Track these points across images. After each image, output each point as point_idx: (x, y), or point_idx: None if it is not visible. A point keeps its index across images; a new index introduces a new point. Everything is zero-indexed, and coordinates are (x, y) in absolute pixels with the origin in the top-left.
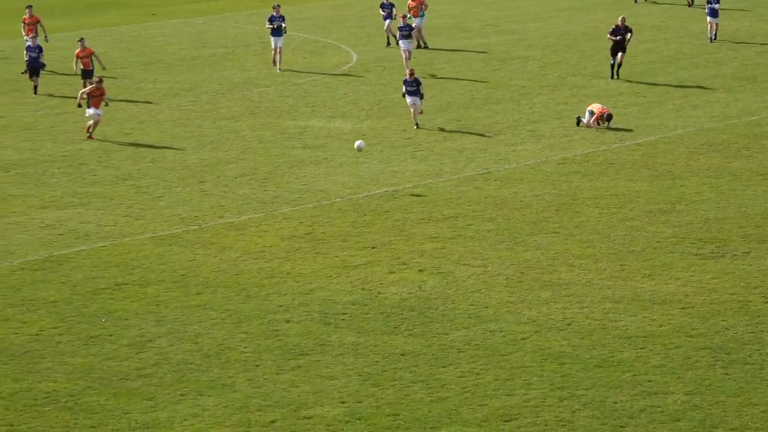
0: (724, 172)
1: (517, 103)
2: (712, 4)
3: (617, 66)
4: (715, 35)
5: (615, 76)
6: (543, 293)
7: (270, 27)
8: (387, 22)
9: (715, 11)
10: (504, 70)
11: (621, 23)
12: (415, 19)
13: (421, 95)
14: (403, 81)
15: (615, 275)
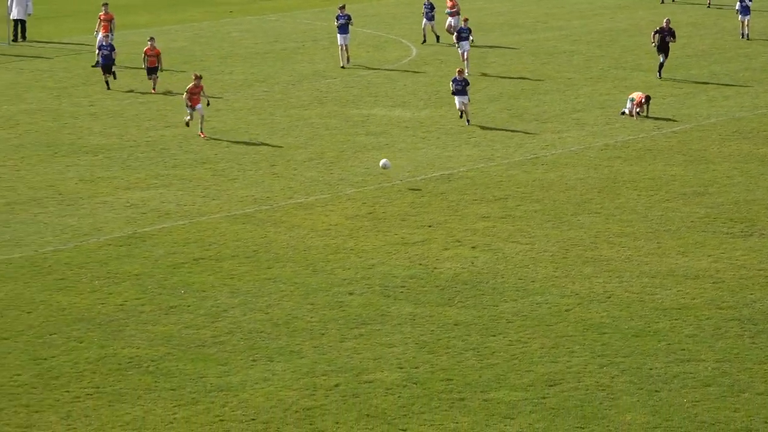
0: (753, 157)
1: (564, 93)
2: (745, 2)
3: (661, 66)
4: (747, 34)
5: (659, 76)
6: (585, 269)
7: (336, 24)
8: (425, 21)
9: (747, 9)
10: (552, 64)
11: (666, 25)
12: (450, 18)
13: (467, 93)
14: (452, 80)
15: (652, 252)
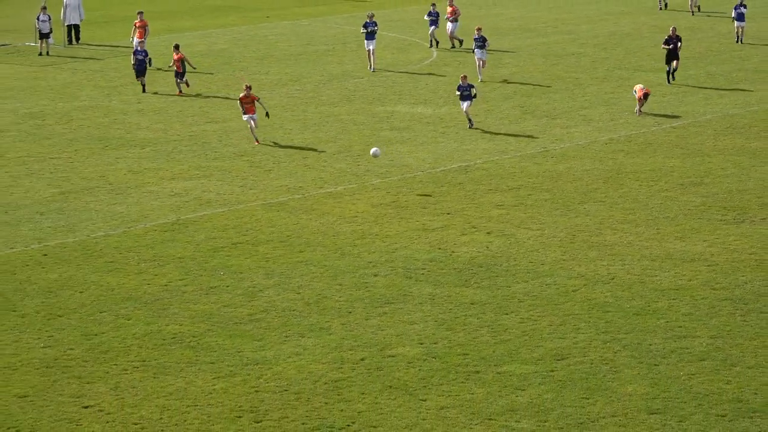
0: (745, 151)
1: (571, 92)
2: (739, 10)
3: (673, 71)
4: (741, 38)
5: (672, 79)
6: (591, 252)
7: (364, 31)
8: (432, 28)
9: (741, 15)
10: (561, 65)
11: (672, 33)
12: (450, 24)
13: (473, 96)
14: (457, 87)
15: (651, 237)
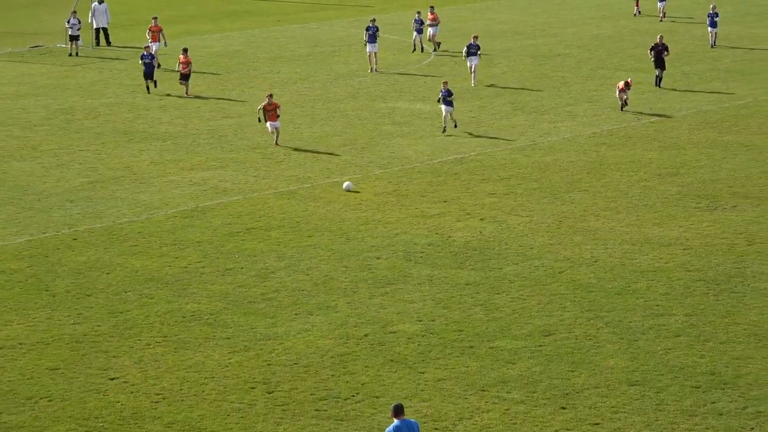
0: (717, 144)
1: (558, 90)
2: (712, 18)
3: (659, 79)
4: (714, 42)
5: (659, 86)
6: (576, 237)
7: (366, 35)
8: (415, 35)
9: (714, 22)
10: (548, 65)
11: (659, 41)
12: (431, 29)
13: (452, 103)
14: (440, 91)
15: (631, 223)
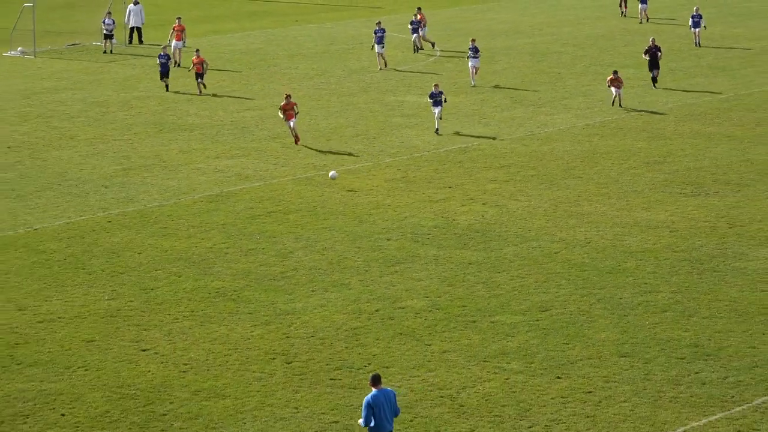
0: (701, 134)
1: (554, 85)
2: (695, 19)
3: (655, 79)
4: (698, 42)
5: (654, 86)
6: (570, 221)
7: (374, 38)
8: (414, 36)
9: (697, 23)
10: (545, 61)
11: (652, 43)
12: (420, 30)
13: (443, 101)
14: (429, 94)
15: (622, 208)
